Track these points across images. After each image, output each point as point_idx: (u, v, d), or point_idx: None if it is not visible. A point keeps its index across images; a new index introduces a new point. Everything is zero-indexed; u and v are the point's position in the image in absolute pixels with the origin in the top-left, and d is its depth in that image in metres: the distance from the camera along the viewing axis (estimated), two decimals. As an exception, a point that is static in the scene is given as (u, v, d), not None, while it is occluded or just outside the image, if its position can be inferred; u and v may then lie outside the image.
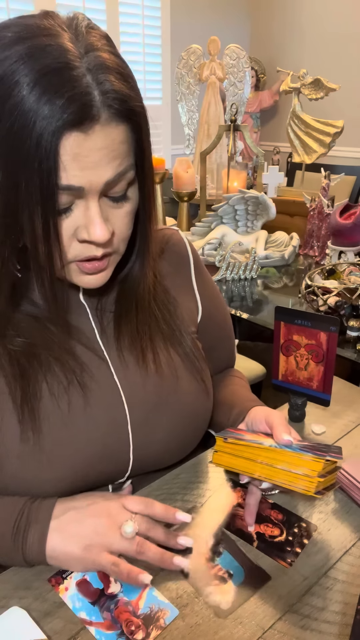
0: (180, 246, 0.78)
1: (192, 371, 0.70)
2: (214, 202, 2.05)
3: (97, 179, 0.52)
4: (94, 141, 0.50)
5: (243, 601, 0.54)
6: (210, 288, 0.81)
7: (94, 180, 0.51)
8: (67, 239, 0.55)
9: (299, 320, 0.78)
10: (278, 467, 0.58)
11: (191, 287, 0.77)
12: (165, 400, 0.67)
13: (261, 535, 0.62)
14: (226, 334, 0.86)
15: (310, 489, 0.55)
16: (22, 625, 0.50)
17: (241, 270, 1.64)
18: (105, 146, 0.51)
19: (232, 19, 4.02)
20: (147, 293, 0.68)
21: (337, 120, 2.09)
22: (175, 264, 0.76)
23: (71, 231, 0.54)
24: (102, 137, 0.50)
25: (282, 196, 2.26)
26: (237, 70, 2.37)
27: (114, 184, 0.54)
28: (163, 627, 0.51)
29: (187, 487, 0.70)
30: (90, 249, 0.56)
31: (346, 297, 1.27)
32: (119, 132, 0.52)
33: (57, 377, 0.61)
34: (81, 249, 0.56)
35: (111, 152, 0.51)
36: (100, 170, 0.51)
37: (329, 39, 3.70)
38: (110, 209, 0.56)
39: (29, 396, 0.59)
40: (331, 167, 2.56)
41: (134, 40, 3.43)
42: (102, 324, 0.67)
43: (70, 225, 0.54)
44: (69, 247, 0.55)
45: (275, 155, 3.82)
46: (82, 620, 0.52)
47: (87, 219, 0.54)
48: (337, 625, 0.52)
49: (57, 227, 0.53)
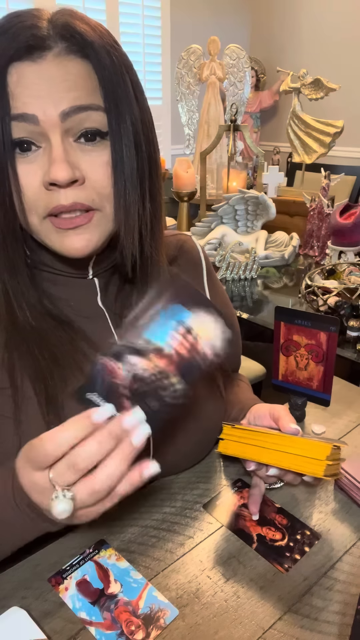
0: (193, 252, 0.78)
1: (207, 377, 0.70)
2: (214, 202, 2.05)
3: (51, 108, 0.50)
4: (45, 69, 0.50)
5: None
6: (221, 295, 0.82)
7: (48, 109, 0.50)
8: (35, 188, 0.53)
9: (299, 320, 0.78)
10: (287, 451, 0.58)
11: (204, 294, 0.77)
12: (184, 408, 0.66)
13: (262, 538, 0.62)
14: (234, 341, 0.86)
15: (319, 472, 0.55)
16: (22, 625, 0.50)
17: (241, 270, 1.64)
18: (58, 75, 0.50)
19: (232, 19, 4.02)
20: None
21: (337, 120, 2.09)
22: (188, 270, 0.76)
23: (38, 178, 0.52)
24: (54, 65, 0.50)
25: (282, 196, 2.26)
26: (237, 70, 2.37)
27: (74, 119, 0.51)
28: (163, 627, 0.51)
29: (188, 487, 0.70)
30: (58, 196, 0.52)
31: (346, 297, 1.27)
32: (76, 64, 0.51)
33: (77, 381, 0.60)
34: (49, 198, 0.53)
35: (64, 81, 0.50)
36: (54, 98, 0.50)
37: (329, 39, 3.70)
38: (81, 155, 0.53)
39: (53, 400, 0.58)
40: (331, 167, 2.55)
41: (134, 41, 3.43)
42: (120, 329, 0.66)
43: (35, 172, 0.52)
44: (37, 199, 0.53)
45: (275, 155, 3.82)
46: (82, 620, 0.52)
47: (49, 161, 0.51)
48: (337, 625, 0.52)
49: (14, 166, 0.51)
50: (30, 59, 0.50)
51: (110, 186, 0.55)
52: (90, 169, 0.54)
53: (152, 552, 0.60)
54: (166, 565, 0.58)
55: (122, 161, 0.55)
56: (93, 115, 0.52)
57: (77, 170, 0.53)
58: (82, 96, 0.51)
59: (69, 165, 0.51)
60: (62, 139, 0.51)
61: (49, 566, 0.58)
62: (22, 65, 0.50)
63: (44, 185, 0.52)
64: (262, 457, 0.59)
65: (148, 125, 0.58)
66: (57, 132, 0.51)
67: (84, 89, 0.52)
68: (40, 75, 0.50)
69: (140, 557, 0.59)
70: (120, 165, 0.55)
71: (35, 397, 0.58)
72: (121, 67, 0.54)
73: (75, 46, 0.51)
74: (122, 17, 3.30)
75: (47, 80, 0.50)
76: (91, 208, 0.55)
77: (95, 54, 0.52)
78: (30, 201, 0.53)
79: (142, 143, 0.57)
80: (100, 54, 0.52)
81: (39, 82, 0.50)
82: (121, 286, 0.67)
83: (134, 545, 0.61)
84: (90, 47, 0.51)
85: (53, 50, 0.50)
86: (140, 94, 0.57)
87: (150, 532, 0.63)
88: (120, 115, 0.54)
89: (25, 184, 0.53)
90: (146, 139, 0.57)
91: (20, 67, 0.50)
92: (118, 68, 0.54)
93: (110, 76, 0.53)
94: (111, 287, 0.67)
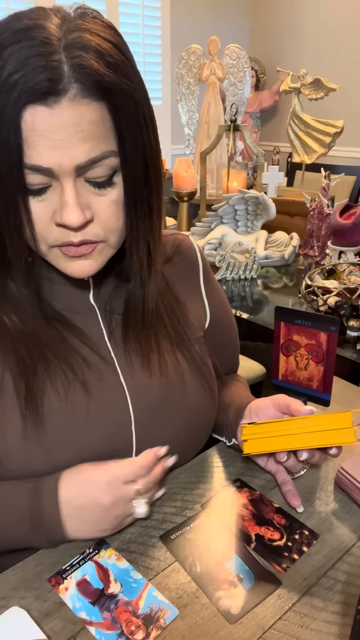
0: (190, 252, 0.78)
1: (198, 377, 0.70)
2: (214, 202, 2.05)
3: (67, 162, 0.49)
4: (59, 117, 0.48)
5: (253, 605, 0.54)
6: (218, 295, 0.82)
7: (63, 162, 0.49)
8: (45, 222, 0.54)
9: (299, 320, 0.78)
10: (314, 430, 0.60)
11: (200, 293, 0.78)
12: (171, 403, 0.67)
13: (260, 538, 0.62)
14: (231, 341, 0.86)
15: (351, 439, 0.58)
16: (22, 625, 0.50)
17: (241, 270, 1.64)
18: (73, 123, 0.48)
19: (232, 19, 4.02)
20: (155, 297, 0.67)
21: (337, 120, 2.09)
22: (185, 270, 0.76)
23: (49, 214, 0.53)
24: (68, 112, 0.48)
25: (282, 196, 2.26)
26: (237, 70, 2.37)
27: (88, 169, 0.51)
28: (163, 627, 0.51)
29: (188, 487, 0.70)
30: (67, 234, 0.54)
31: (346, 297, 1.27)
32: (90, 110, 0.49)
33: (62, 376, 0.61)
34: (59, 233, 0.54)
35: (80, 131, 0.49)
36: (69, 151, 0.49)
37: (329, 38, 3.70)
38: (92, 195, 0.54)
39: (34, 392, 0.59)
40: (331, 167, 2.56)
41: (134, 41, 3.43)
42: (111, 326, 0.67)
43: (46, 208, 0.53)
44: (48, 232, 0.54)
45: (275, 155, 3.82)
46: (82, 620, 0.52)
47: (62, 202, 0.52)
48: (337, 625, 0.52)
49: (28, 208, 0.52)
50: (45, 104, 0.47)
51: (119, 220, 0.57)
52: (101, 208, 0.55)
53: (152, 552, 0.60)
54: (166, 565, 0.58)
55: (133, 197, 0.56)
56: (106, 162, 0.52)
57: (88, 211, 0.54)
58: (95, 146, 0.50)
59: (81, 209, 0.52)
60: (74, 182, 0.52)
61: (49, 566, 0.58)
62: (36, 110, 0.47)
63: (55, 222, 0.54)
64: (292, 443, 0.61)
65: (156, 154, 0.58)
66: (71, 178, 0.51)
67: (98, 137, 0.50)
68: (55, 123, 0.48)
69: (140, 557, 0.59)
70: (130, 201, 0.56)
71: (12, 389, 0.59)
72: (136, 105, 0.52)
73: (91, 89, 0.49)
74: (122, 17, 3.30)
75: (62, 129, 0.48)
76: (97, 242, 0.57)
77: (111, 97, 0.50)
78: (40, 233, 0.54)
79: (150, 171, 0.57)
80: (115, 98, 0.50)
81: (54, 130, 0.48)
82: (115, 284, 0.68)
83: (134, 545, 0.61)
84: (106, 90, 0.49)
85: (68, 94, 0.48)
86: (152, 126, 0.56)
87: (150, 532, 0.63)
88: (133, 156, 0.54)
89: (36, 218, 0.53)
90: (154, 167, 0.58)
91: (35, 111, 0.47)
92: (132, 108, 0.52)
93: (125, 120, 0.52)
94: (105, 285, 0.68)
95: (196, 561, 0.58)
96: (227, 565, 0.58)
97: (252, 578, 0.57)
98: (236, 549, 0.60)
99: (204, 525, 0.63)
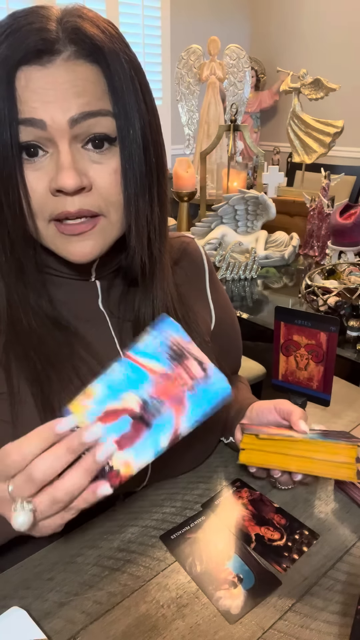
0: (196, 255, 0.77)
1: None
2: (214, 202, 2.05)
3: (60, 115, 0.49)
4: (54, 74, 0.49)
5: (254, 606, 0.54)
6: (223, 298, 0.82)
7: (56, 115, 0.49)
8: (41, 193, 0.52)
9: (299, 320, 0.78)
10: (316, 457, 0.57)
11: (206, 297, 0.77)
12: None
13: (260, 538, 0.62)
14: (235, 343, 0.86)
15: (351, 476, 0.56)
16: (22, 625, 0.50)
17: (241, 270, 1.64)
18: (67, 80, 0.49)
19: (232, 19, 4.02)
20: (164, 298, 0.66)
21: (337, 120, 2.09)
22: (192, 274, 0.76)
23: (45, 184, 0.52)
24: (63, 70, 0.49)
25: (282, 196, 2.26)
26: (237, 70, 2.37)
27: (83, 125, 0.51)
28: None
29: (188, 487, 0.70)
30: (64, 202, 0.52)
31: (346, 297, 1.27)
32: (85, 69, 0.50)
33: (78, 388, 0.59)
34: (55, 203, 0.53)
35: (74, 86, 0.49)
36: (63, 104, 0.49)
37: (329, 38, 3.70)
38: (90, 162, 0.53)
39: (51, 402, 0.57)
40: (331, 167, 2.55)
41: (134, 41, 3.43)
42: (121, 333, 0.65)
43: (42, 177, 0.52)
44: (44, 203, 0.53)
45: (275, 155, 3.82)
46: None
47: (57, 167, 0.51)
48: (337, 626, 0.52)
49: (22, 169, 0.51)
50: (39, 63, 0.49)
51: (118, 193, 0.55)
52: (98, 176, 0.53)
53: (152, 552, 0.60)
54: (166, 565, 0.58)
55: (132, 168, 0.55)
56: (102, 121, 0.52)
57: (85, 178, 0.52)
58: (91, 102, 0.51)
59: (77, 172, 0.51)
60: (70, 145, 0.51)
61: (49, 566, 0.58)
62: (30, 70, 0.49)
63: (51, 191, 0.52)
64: (290, 464, 0.58)
65: (156, 128, 0.57)
66: (65, 139, 0.51)
67: (93, 95, 0.51)
68: (49, 80, 0.49)
69: (140, 557, 0.59)
70: (129, 172, 0.55)
71: (31, 401, 0.57)
72: (130, 71, 0.53)
73: (85, 50, 0.50)
74: (122, 17, 3.30)
75: (55, 85, 0.49)
76: (97, 214, 0.55)
77: (105, 59, 0.51)
78: (36, 206, 0.53)
79: (150, 146, 0.56)
80: (109, 59, 0.51)
81: (47, 87, 0.49)
82: (125, 289, 0.66)
83: (134, 545, 0.61)
84: (100, 52, 0.50)
85: (62, 54, 0.49)
86: (148, 96, 0.56)
87: (151, 532, 0.63)
88: (129, 120, 0.54)
89: (32, 189, 0.52)
90: (154, 142, 0.57)
91: (29, 71, 0.49)
92: (127, 73, 0.53)
93: (119, 82, 0.52)
94: (114, 290, 0.66)
95: (196, 561, 0.59)
96: (227, 565, 0.58)
97: (252, 578, 0.57)
98: (236, 549, 0.60)
99: (204, 525, 0.63)
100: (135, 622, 0.52)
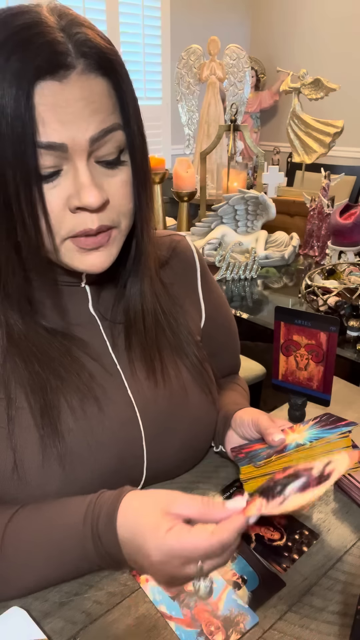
0: (187, 253, 0.76)
1: (199, 383, 0.69)
2: (214, 202, 2.05)
3: (80, 135, 0.49)
4: (70, 91, 0.48)
5: (258, 607, 0.54)
6: (216, 295, 0.80)
7: (77, 136, 0.49)
8: (59, 211, 0.52)
9: (299, 320, 0.78)
10: (316, 459, 0.57)
11: (197, 295, 0.76)
12: (176, 415, 0.66)
13: (260, 538, 0.62)
14: (230, 341, 0.85)
15: (355, 465, 0.58)
16: (22, 625, 0.50)
17: (241, 270, 1.64)
18: (83, 97, 0.49)
19: (232, 19, 4.02)
20: (152, 299, 0.66)
21: (337, 120, 2.09)
22: (182, 272, 0.75)
23: (62, 201, 0.51)
24: (79, 86, 0.48)
25: (282, 196, 2.26)
26: (237, 70, 2.37)
27: (101, 143, 0.51)
28: (243, 632, 0.51)
29: (188, 487, 0.70)
30: (85, 220, 0.52)
31: (346, 297, 1.27)
32: (98, 83, 0.50)
33: (75, 393, 0.59)
34: (75, 221, 0.53)
35: (91, 103, 0.49)
36: (82, 124, 0.49)
37: (329, 38, 3.70)
38: (104, 177, 0.53)
39: (49, 411, 0.57)
40: (331, 167, 2.55)
41: (134, 41, 3.43)
42: (114, 336, 0.66)
43: (59, 195, 0.51)
44: (61, 221, 0.52)
45: (275, 155, 3.82)
46: (162, 613, 0.52)
47: (78, 184, 0.51)
48: (337, 626, 0.52)
49: (42, 193, 0.50)
50: (55, 79, 0.47)
51: (129, 203, 0.56)
52: (113, 190, 0.54)
53: (152, 552, 0.60)
54: (166, 565, 0.58)
55: (138, 176, 0.56)
56: (116, 135, 0.52)
57: (104, 192, 0.53)
58: (105, 118, 0.51)
59: (98, 188, 0.51)
60: (87, 162, 0.51)
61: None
62: (46, 85, 0.47)
63: (70, 208, 0.52)
64: None
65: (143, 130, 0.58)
66: (84, 157, 0.51)
67: (106, 110, 0.51)
68: (67, 97, 0.48)
69: (140, 557, 0.59)
70: (140, 182, 0.56)
71: (27, 408, 0.57)
72: (130, 81, 0.54)
73: (96, 63, 0.49)
74: (122, 17, 3.30)
75: (74, 102, 0.48)
76: (111, 227, 0.56)
77: (115, 72, 0.51)
78: (55, 224, 0.52)
79: (146, 150, 0.57)
80: (119, 72, 0.52)
81: (65, 105, 0.48)
82: (113, 292, 0.66)
83: (134, 545, 0.60)
84: (110, 64, 0.50)
85: (76, 68, 0.48)
86: (136, 101, 0.57)
87: (150, 532, 0.62)
88: (134, 130, 0.55)
89: (51, 208, 0.51)
90: (144, 144, 0.58)
91: (45, 86, 0.47)
92: (129, 82, 0.53)
93: (126, 93, 0.53)
94: (104, 294, 0.66)
95: (197, 561, 0.58)
96: (231, 566, 0.58)
97: (256, 579, 0.56)
98: (240, 550, 0.60)
99: (204, 525, 0.63)
100: (135, 622, 0.52)
